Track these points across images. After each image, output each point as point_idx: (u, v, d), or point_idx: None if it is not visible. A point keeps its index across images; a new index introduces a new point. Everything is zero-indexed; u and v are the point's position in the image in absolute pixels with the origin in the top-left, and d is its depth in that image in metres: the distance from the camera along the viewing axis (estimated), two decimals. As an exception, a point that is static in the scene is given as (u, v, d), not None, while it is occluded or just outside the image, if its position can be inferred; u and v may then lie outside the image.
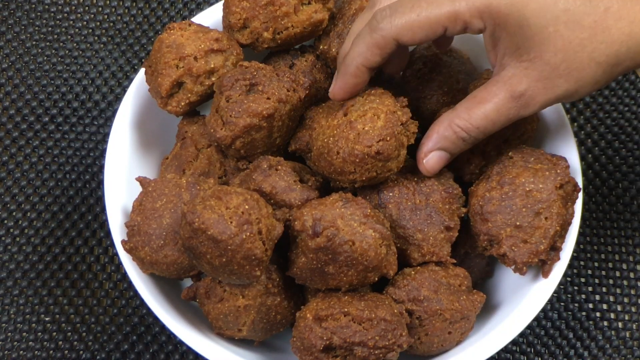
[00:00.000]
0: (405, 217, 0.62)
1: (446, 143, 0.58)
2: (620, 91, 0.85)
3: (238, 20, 0.66)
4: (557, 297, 0.76)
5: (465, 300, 0.61)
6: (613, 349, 0.74)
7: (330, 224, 0.55)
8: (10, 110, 0.83)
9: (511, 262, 0.62)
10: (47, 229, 0.78)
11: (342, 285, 0.58)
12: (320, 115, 0.65)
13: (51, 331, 0.74)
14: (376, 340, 0.56)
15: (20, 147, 0.81)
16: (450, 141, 0.58)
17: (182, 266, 0.62)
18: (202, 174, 0.66)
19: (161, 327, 0.74)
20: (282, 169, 0.62)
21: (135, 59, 0.85)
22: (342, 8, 0.69)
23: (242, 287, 0.59)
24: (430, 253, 0.61)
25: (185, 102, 0.65)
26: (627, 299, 0.76)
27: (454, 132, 0.57)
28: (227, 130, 0.61)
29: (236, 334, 0.61)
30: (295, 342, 0.58)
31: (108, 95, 0.84)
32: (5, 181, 0.80)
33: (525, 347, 0.74)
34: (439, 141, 0.58)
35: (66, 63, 0.85)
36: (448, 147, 0.58)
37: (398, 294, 0.60)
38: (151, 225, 0.62)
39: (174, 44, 0.64)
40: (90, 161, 0.81)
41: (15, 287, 0.76)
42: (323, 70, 0.70)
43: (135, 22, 0.87)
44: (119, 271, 0.76)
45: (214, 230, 0.54)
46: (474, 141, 0.58)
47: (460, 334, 0.62)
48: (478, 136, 0.57)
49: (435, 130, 0.58)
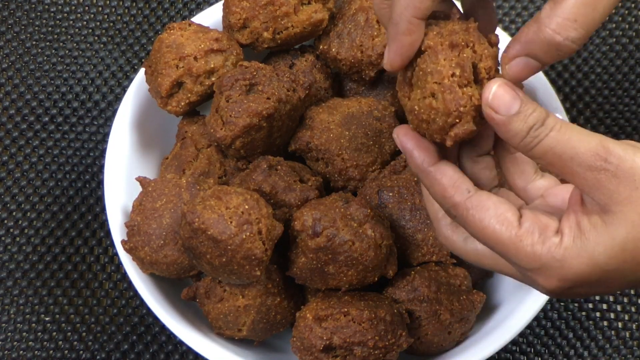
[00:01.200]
0: (405, 217, 0.62)
1: (536, 48, 0.43)
2: (620, 91, 0.85)
3: (238, 20, 0.66)
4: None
5: (465, 300, 0.61)
6: (613, 349, 0.74)
7: (330, 224, 0.55)
8: (10, 110, 0.82)
9: (511, 262, 0.62)
10: (47, 229, 0.78)
11: (342, 285, 0.58)
12: (321, 114, 0.65)
13: (51, 331, 0.74)
14: (376, 340, 0.56)
15: (20, 147, 0.81)
16: (541, 46, 0.43)
17: (182, 266, 0.62)
18: (202, 174, 0.66)
19: (161, 327, 0.74)
20: (282, 169, 0.62)
21: (135, 59, 0.85)
22: (342, 8, 0.69)
23: (242, 287, 0.59)
24: (430, 253, 0.62)
25: (185, 102, 0.65)
26: (627, 298, 0.76)
27: (544, 37, 0.42)
28: (227, 130, 0.61)
29: (236, 334, 0.61)
30: (295, 342, 0.58)
31: (108, 95, 0.84)
32: (5, 181, 0.80)
33: (525, 347, 0.74)
34: (527, 45, 0.43)
35: (66, 63, 0.85)
36: (538, 54, 0.43)
37: (398, 294, 0.60)
38: (151, 225, 0.62)
39: (174, 44, 0.64)
40: (90, 161, 0.81)
41: (15, 287, 0.76)
42: (323, 70, 0.70)
43: (135, 22, 0.87)
44: (119, 271, 0.76)
45: (214, 230, 0.54)
46: (571, 46, 0.43)
47: (460, 334, 0.62)
48: (578, 36, 0.43)
49: (524, 33, 0.44)
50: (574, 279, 0.40)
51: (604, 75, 0.85)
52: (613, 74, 0.85)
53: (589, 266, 0.40)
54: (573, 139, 0.40)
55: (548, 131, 0.40)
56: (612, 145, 0.39)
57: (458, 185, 0.43)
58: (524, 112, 0.40)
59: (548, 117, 0.40)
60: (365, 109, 0.66)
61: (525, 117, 0.40)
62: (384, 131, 0.66)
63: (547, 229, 0.41)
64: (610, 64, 0.86)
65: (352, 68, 0.68)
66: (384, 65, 0.46)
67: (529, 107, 0.40)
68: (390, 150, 0.66)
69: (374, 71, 0.67)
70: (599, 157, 0.39)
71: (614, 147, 0.39)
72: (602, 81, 0.85)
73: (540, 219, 0.42)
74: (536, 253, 0.41)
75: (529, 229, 0.41)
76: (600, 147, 0.39)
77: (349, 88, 0.72)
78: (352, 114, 0.65)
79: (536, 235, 0.41)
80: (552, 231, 0.41)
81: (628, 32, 0.87)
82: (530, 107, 0.40)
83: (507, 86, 0.41)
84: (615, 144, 0.40)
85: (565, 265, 0.40)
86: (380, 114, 0.66)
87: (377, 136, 0.66)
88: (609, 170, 0.39)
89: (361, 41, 0.67)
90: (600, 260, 0.40)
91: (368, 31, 0.66)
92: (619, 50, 0.86)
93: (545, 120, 0.40)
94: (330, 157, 0.64)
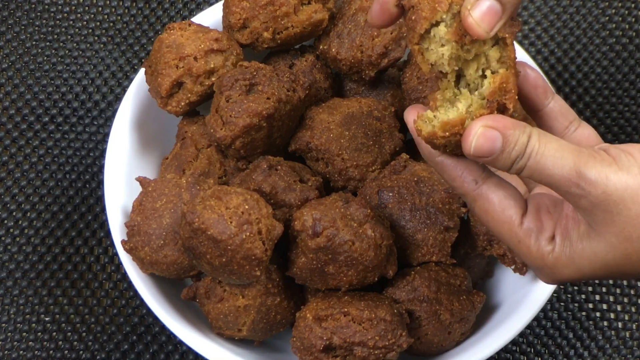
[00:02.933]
0: (405, 217, 0.62)
1: None
2: (620, 91, 0.85)
3: (238, 20, 0.66)
4: (557, 297, 0.76)
5: (465, 300, 0.61)
6: (613, 349, 0.74)
7: (330, 224, 0.55)
8: (10, 110, 0.82)
9: (511, 262, 0.62)
10: (47, 229, 0.78)
11: (342, 285, 0.58)
12: (321, 114, 0.65)
13: (51, 331, 0.74)
14: (376, 340, 0.56)
15: (20, 147, 0.81)
16: None
17: (182, 266, 0.62)
18: (202, 174, 0.66)
19: (161, 327, 0.74)
20: (282, 169, 0.62)
21: (135, 59, 0.85)
22: (342, 8, 0.69)
23: (242, 287, 0.59)
24: (430, 253, 0.62)
25: (185, 102, 0.65)
26: (627, 299, 0.76)
27: None
28: (227, 130, 0.61)
29: (236, 334, 0.61)
30: (295, 342, 0.58)
31: (108, 95, 0.84)
32: (5, 181, 0.80)
33: (525, 347, 0.74)
34: None
35: (66, 63, 0.85)
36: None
37: (398, 294, 0.60)
38: (151, 225, 0.62)
39: (174, 44, 0.64)
40: (90, 161, 0.81)
41: (15, 287, 0.76)
42: (323, 70, 0.70)
43: (135, 22, 0.87)
44: (119, 271, 0.76)
45: (214, 230, 0.54)
46: None
47: (459, 334, 0.62)
48: None
49: None
50: (565, 280, 0.45)
51: (604, 75, 0.85)
52: (613, 74, 0.85)
53: (577, 274, 0.44)
54: (548, 165, 0.41)
55: (527, 160, 0.42)
56: (586, 168, 0.41)
57: (465, 175, 0.44)
58: (507, 150, 0.42)
59: (529, 141, 0.42)
60: (365, 109, 0.66)
61: (509, 153, 0.42)
62: (384, 131, 0.66)
63: (542, 233, 0.44)
64: (610, 64, 0.86)
65: (352, 68, 0.68)
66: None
67: (510, 143, 0.42)
68: (390, 150, 0.66)
69: (374, 71, 0.67)
70: (572, 183, 0.41)
71: (586, 171, 0.41)
72: (602, 81, 0.85)
73: (540, 219, 0.44)
74: (532, 256, 0.44)
75: (528, 232, 0.44)
76: (573, 173, 0.41)
77: (349, 88, 0.72)
78: (352, 114, 0.65)
79: (532, 240, 0.44)
80: (547, 238, 0.44)
81: (628, 32, 0.87)
82: (512, 141, 0.41)
83: (486, 133, 0.42)
84: (589, 167, 0.41)
85: (556, 271, 0.45)
86: (380, 114, 0.67)
87: (377, 136, 0.66)
88: (583, 196, 0.41)
89: (361, 41, 0.67)
90: (586, 271, 0.44)
91: (368, 31, 0.66)
92: (619, 50, 0.86)
93: (526, 148, 0.42)
94: (330, 157, 0.64)
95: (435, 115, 0.43)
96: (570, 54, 0.86)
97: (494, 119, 0.42)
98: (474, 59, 0.42)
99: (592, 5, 0.88)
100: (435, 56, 0.42)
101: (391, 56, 0.67)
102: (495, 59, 0.42)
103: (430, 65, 0.43)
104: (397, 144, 0.67)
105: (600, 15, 0.88)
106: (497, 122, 0.42)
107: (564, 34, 0.87)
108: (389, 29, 0.66)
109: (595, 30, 0.87)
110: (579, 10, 0.88)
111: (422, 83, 0.67)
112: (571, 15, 0.88)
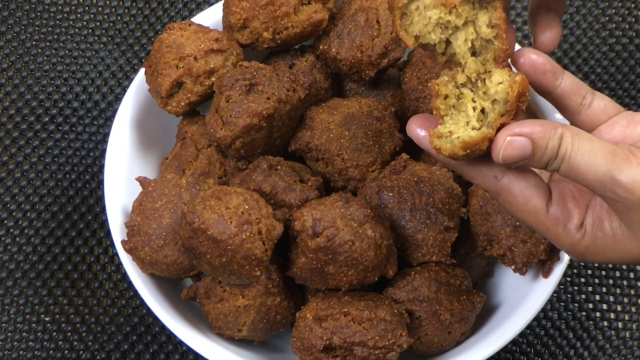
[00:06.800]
0: (405, 217, 0.62)
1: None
2: (620, 91, 0.85)
3: (238, 20, 0.66)
4: (557, 297, 0.76)
5: (465, 300, 0.61)
6: (613, 349, 0.74)
7: (330, 224, 0.55)
8: (10, 110, 0.82)
9: (511, 262, 0.62)
10: (47, 229, 0.78)
11: (342, 285, 0.58)
12: (321, 114, 0.65)
13: (51, 331, 0.74)
14: (376, 340, 0.56)
15: (20, 147, 0.81)
16: None
17: (182, 266, 0.62)
18: (202, 174, 0.66)
19: (161, 327, 0.74)
20: (282, 169, 0.62)
21: (135, 59, 0.85)
22: (342, 8, 0.69)
23: (242, 287, 0.59)
24: (430, 253, 0.62)
25: (185, 102, 0.65)
26: (627, 299, 0.76)
27: None
28: (227, 130, 0.61)
29: (236, 334, 0.61)
30: (295, 342, 0.58)
31: (108, 95, 0.84)
32: (5, 181, 0.80)
33: (525, 347, 0.74)
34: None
35: (66, 63, 0.85)
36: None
37: (398, 294, 0.60)
38: (151, 226, 0.62)
39: (174, 44, 0.64)
40: (90, 161, 0.81)
41: (15, 287, 0.76)
42: (323, 70, 0.70)
43: (135, 22, 0.87)
44: (119, 271, 0.76)
45: (214, 230, 0.54)
46: None
47: (460, 334, 0.62)
48: None
49: None
50: (594, 262, 0.46)
51: (604, 76, 0.85)
52: (613, 74, 0.85)
53: (606, 261, 0.45)
54: (581, 170, 0.41)
55: (560, 163, 0.41)
56: (620, 174, 0.40)
57: (484, 173, 0.44)
58: (538, 154, 0.41)
59: (561, 144, 0.41)
60: (365, 109, 0.66)
61: (540, 157, 0.41)
62: (384, 131, 0.66)
63: (571, 220, 0.44)
64: (610, 64, 0.86)
65: (352, 68, 0.68)
66: None
67: (541, 147, 0.41)
68: (390, 150, 0.66)
69: (374, 71, 0.67)
70: (607, 188, 0.41)
71: (621, 178, 0.40)
72: (602, 81, 0.85)
73: (566, 207, 0.44)
74: (561, 242, 0.44)
75: (555, 220, 0.44)
76: (607, 179, 0.41)
77: (349, 88, 0.72)
78: (352, 114, 0.65)
79: (560, 228, 0.44)
80: (576, 226, 0.44)
81: (628, 32, 0.87)
82: (542, 146, 0.41)
83: (514, 143, 0.41)
84: (624, 172, 0.40)
85: (587, 258, 0.45)
86: (380, 114, 0.66)
87: (377, 136, 0.66)
88: (617, 201, 0.41)
89: (361, 41, 0.67)
90: (615, 261, 0.45)
91: (368, 31, 0.66)
92: (619, 50, 0.86)
93: (558, 152, 0.41)
94: (330, 157, 0.64)
95: (451, 132, 0.42)
96: (570, 54, 0.86)
97: (521, 125, 0.41)
98: (463, 27, 0.42)
99: (592, 5, 0.88)
100: (419, 26, 0.42)
101: (391, 56, 0.67)
102: (485, 23, 0.41)
103: (414, 38, 0.42)
104: (397, 144, 0.67)
105: (600, 15, 0.88)
106: (525, 128, 0.41)
107: (563, 34, 0.87)
108: (389, 29, 0.66)
109: (595, 30, 0.87)
110: (579, 10, 0.88)
111: (422, 83, 0.67)
112: (571, 15, 0.88)
